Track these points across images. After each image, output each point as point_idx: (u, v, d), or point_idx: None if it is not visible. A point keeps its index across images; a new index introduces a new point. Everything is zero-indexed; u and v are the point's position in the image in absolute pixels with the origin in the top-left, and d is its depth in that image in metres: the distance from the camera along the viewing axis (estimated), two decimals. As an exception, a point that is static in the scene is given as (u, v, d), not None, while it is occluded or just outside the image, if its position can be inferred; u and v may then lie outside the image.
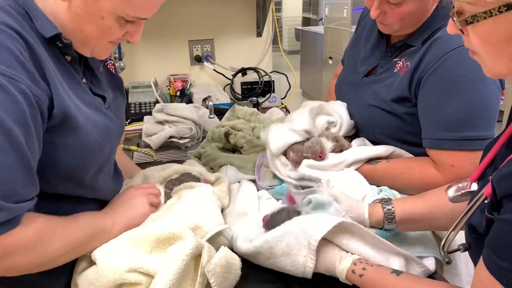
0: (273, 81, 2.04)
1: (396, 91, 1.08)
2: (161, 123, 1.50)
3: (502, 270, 0.52)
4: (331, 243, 0.79)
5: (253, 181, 1.14)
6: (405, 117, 1.08)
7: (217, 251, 0.76)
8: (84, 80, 0.84)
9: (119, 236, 0.81)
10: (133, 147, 1.49)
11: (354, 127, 1.21)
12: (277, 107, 1.88)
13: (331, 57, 4.59)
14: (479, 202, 0.62)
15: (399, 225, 0.86)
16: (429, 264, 0.84)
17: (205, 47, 2.20)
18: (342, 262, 0.76)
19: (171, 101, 1.96)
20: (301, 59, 5.77)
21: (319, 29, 5.21)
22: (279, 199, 1.04)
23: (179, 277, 0.70)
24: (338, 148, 1.12)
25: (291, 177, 1.09)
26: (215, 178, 1.05)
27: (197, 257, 0.75)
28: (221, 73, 2.18)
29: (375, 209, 0.87)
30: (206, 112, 1.59)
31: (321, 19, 6.67)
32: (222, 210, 0.98)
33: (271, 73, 2.13)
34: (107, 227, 0.82)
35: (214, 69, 2.19)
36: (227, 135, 1.33)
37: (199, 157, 1.28)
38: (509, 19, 0.51)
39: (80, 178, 0.80)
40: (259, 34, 2.23)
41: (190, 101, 1.94)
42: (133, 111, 1.83)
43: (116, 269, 0.71)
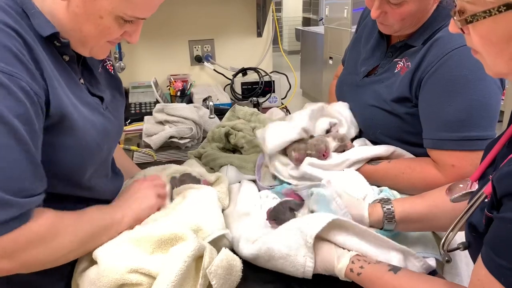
0: (274, 81, 2.04)
1: (396, 91, 1.08)
2: (161, 123, 1.50)
3: (501, 268, 0.52)
4: (328, 242, 0.79)
5: (254, 181, 1.14)
6: (405, 117, 1.08)
7: (219, 252, 0.76)
8: (82, 81, 0.84)
9: (121, 235, 0.81)
10: (134, 147, 1.49)
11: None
12: (277, 107, 1.88)
13: (331, 57, 4.59)
14: (479, 201, 0.62)
15: (399, 224, 0.86)
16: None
17: (205, 47, 2.20)
18: (340, 260, 0.76)
19: (172, 101, 1.97)
20: (301, 59, 5.77)
21: (320, 29, 5.21)
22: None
23: (181, 278, 0.69)
24: (341, 148, 1.12)
25: (292, 175, 1.09)
26: (215, 179, 1.05)
27: (198, 258, 0.74)
28: (221, 73, 2.18)
29: (374, 208, 0.87)
30: (207, 112, 1.59)
31: (321, 19, 6.67)
32: (222, 210, 0.97)
33: (271, 73, 2.13)
34: (117, 219, 0.83)
35: (214, 69, 2.19)
36: (227, 135, 1.33)
37: (199, 157, 1.28)
38: (509, 19, 0.51)
39: (78, 178, 0.80)
40: (259, 34, 2.23)
41: (190, 101, 1.94)
42: (133, 111, 1.83)
43: (118, 269, 0.71)
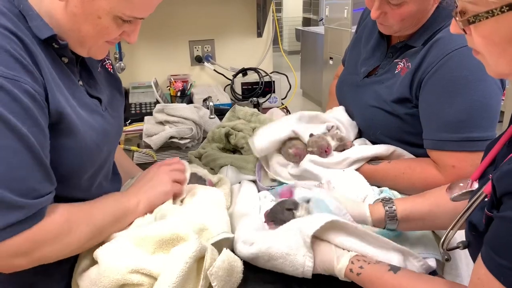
0: (274, 81, 2.04)
1: (397, 92, 1.08)
2: (161, 123, 1.50)
3: (501, 267, 0.52)
4: (327, 242, 0.79)
5: (254, 181, 1.13)
6: (406, 118, 1.08)
7: (220, 253, 0.76)
8: (80, 82, 0.84)
9: (122, 234, 0.80)
10: (134, 148, 1.49)
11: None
12: (277, 107, 1.89)
13: (331, 58, 4.59)
14: (479, 200, 0.62)
15: (401, 223, 0.86)
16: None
17: (205, 47, 2.20)
18: (340, 260, 0.76)
19: (172, 102, 1.97)
20: (301, 60, 5.77)
21: (320, 29, 5.21)
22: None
23: (182, 279, 0.69)
24: (341, 147, 1.12)
25: (292, 174, 1.09)
26: (217, 180, 1.05)
27: (199, 259, 0.74)
28: (222, 74, 2.18)
29: (376, 208, 0.87)
30: (207, 113, 1.59)
31: (321, 20, 6.66)
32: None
33: (271, 73, 2.13)
34: (132, 206, 0.84)
35: (214, 70, 2.19)
36: (227, 135, 1.33)
37: (199, 158, 1.28)
38: (511, 19, 0.51)
39: (77, 180, 0.80)
40: (259, 35, 2.23)
41: (190, 101, 1.93)
42: (133, 112, 1.82)
43: (119, 269, 0.71)
